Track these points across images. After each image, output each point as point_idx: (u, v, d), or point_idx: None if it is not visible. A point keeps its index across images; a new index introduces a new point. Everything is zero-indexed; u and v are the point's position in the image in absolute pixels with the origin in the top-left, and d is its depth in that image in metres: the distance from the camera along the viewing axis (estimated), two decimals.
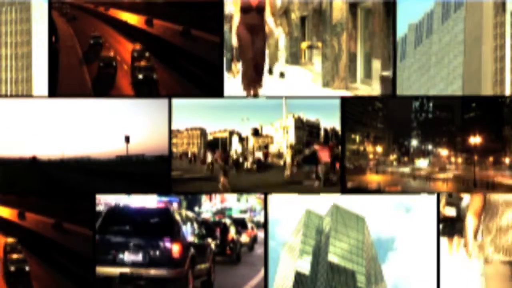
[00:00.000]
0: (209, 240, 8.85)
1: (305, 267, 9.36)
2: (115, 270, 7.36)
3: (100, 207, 9.19)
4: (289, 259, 9.34)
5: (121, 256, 7.31)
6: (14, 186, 8.92)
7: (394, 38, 8.77)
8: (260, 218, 9.22)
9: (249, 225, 10.95)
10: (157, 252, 7.17)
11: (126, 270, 7.25)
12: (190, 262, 7.44)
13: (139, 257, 7.32)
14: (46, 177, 8.90)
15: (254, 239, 10.91)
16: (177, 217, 7.78)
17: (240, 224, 10.70)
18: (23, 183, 8.90)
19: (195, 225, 8.47)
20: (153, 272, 7.20)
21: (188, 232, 7.97)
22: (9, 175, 8.86)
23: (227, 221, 10.27)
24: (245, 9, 9.58)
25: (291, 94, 9.46)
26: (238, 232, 10.48)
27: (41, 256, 8.51)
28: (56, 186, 8.89)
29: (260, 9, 9.61)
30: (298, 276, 9.10)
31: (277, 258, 8.89)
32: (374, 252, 9.36)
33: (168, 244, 7.28)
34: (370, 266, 9.43)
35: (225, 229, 9.84)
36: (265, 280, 8.79)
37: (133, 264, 7.28)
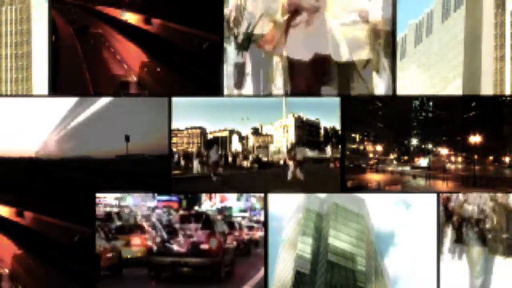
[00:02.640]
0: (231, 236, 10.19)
1: (306, 250, 9.41)
2: (166, 259, 9.15)
3: (100, 206, 9.21)
4: (288, 255, 9.36)
5: (172, 248, 9.20)
6: (14, 185, 8.93)
7: (394, 37, 8.77)
8: (260, 217, 9.26)
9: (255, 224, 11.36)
10: (200, 245, 9.10)
11: (176, 259, 9.16)
12: (222, 253, 9.27)
13: (185, 249, 9.18)
14: (46, 176, 8.90)
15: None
16: (213, 218, 9.48)
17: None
18: (22, 182, 8.91)
19: (224, 224, 9.88)
20: (196, 260, 9.10)
21: (220, 229, 9.61)
22: (9, 174, 8.87)
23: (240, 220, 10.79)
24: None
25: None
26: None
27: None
28: (56, 185, 8.90)
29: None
30: (297, 273, 9.12)
31: (276, 255, 8.94)
32: (374, 247, 9.38)
33: (207, 239, 9.18)
34: (370, 263, 9.45)
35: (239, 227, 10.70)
36: (265, 278, 8.81)
37: (181, 255, 9.14)
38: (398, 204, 8.88)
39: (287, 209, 9.02)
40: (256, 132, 9.51)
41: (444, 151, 9.02)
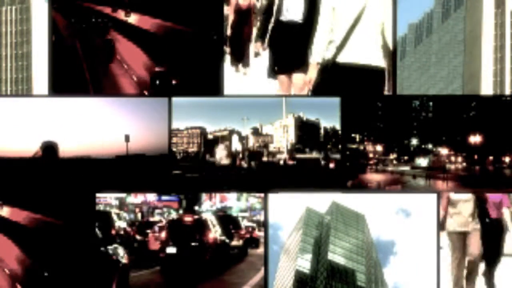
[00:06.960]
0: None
1: (305, 265, 9.39)
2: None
3: (100, 206, 9.23)
4: (289, 257, 9.36)
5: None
6: (13, 185, 8.93)
7: (394, 38, 8.77)
8: (260, 217, 9.27)
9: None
10: (231, 234, 10.60)
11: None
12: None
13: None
14: (46, 176, 8.91)
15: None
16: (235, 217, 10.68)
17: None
18: (22, 181, 8.92)
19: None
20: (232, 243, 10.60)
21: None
22: (9, 174, 8.88)
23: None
24: None
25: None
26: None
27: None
28: (56, 185, 8.90)
29: None
30: (298, 275, 9.12)
31: (277, 257, 8.94)
32: (375, 253, 9.38)
33: (236, 230, 10.54)
34: (370, 278, 9.45)
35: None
36: (265, 279, 8.81)
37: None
38: (398, 212, 8.87)
39: (287, 222, 9.02)
40: (256, 132, 9.51)
41: (444, 151, 9.02)
